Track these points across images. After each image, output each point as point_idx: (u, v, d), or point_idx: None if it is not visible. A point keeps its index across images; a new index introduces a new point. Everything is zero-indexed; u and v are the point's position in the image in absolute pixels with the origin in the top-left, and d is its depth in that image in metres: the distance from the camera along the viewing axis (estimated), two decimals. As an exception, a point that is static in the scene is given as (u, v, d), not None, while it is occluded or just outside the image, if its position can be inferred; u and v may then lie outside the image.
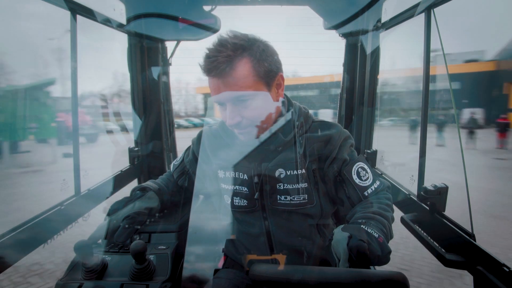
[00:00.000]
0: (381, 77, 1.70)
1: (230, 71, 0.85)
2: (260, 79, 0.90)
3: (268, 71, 0.91)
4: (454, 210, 1.14)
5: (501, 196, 5.30)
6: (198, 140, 1.15)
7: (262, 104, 0.92)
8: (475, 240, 0.90)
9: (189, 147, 1.22)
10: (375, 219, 0.85)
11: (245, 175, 1.02)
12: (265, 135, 0.98)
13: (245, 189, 1.02)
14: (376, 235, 0.76)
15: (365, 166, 1.02)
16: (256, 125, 0.94)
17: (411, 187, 1.32)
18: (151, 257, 0.88)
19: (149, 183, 1.17)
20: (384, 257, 0.74)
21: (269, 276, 0.61)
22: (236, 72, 0.86)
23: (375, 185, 1.00)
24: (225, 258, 1.18)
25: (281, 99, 1.00)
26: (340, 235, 0.77)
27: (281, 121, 1.00)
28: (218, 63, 0.84)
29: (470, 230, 0.93)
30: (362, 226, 0.79)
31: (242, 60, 0.87)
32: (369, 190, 0.99)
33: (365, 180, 1.00)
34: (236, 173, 1.03)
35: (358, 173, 1.00)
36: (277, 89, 0.97)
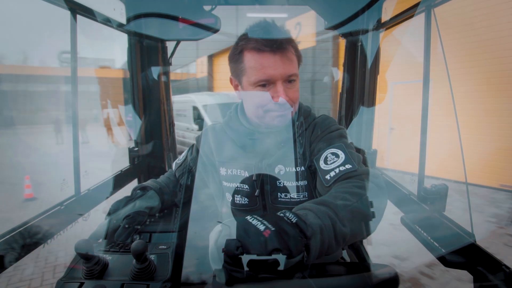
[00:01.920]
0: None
1: (288, 47, 0.90)
2: (298, 62, 0.95)
3: (300, 56, 0.96)
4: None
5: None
6: (202, 138, 1.15)
7: (298, 88, 0.96)
8: (475, 240, 0.90)
9: (192, 146, 1.23)
10: (305, 208, 0.67)
11: (246, 172, 1.02)
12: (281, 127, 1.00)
13: (246, 186, 1.02)
14: (262, 228, 0.57)
15: (339, 152, 0.86)
16: (293, 109, 0.97)
17: (411, 187, 1.32)
18: (152, 256, 0.88)
19: (150, 182, 1.17)
20: (268, 254, 0.55)
21: None
22: (291, 49, 0.91)
23: (342, 168, 0.81)
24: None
25: None
26: (214, 230, 0.67)
27: None
28: (277, 38, 0.88)
29: (470, 230, 0.93)
30: (249, 217, 0.61)
31: (291, 40, 0.92)
32: (332, 173, 0.81)
33: (331, 164, 0.84)
34: (238, 170, 1.03)
35: (325, 159, 0.86)
36: None
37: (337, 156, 0.85)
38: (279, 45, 0.87)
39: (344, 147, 0.88)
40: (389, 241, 3.40)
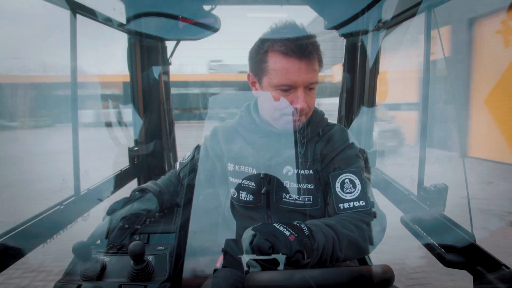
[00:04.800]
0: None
1: (314, 54, 0.89)
2: (319, 69, 0.94)
3: (322, 63, 0.95)
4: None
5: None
6: (212, 135, 1.15)
7: (315, 95, 0.96)
8: (475, 240, 0.90)
9: (198, 145, 1.23)
10: (317, 226, 0.78)
11: (254, 169, 1.01)
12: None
13: (252, 183, 1.02)
14: (287, 233, 0.70)
15: (356, 181, 0.92)
16: (307, 116, 0.97)
17: (411, 187, 1.32)
18: (150, 257, 0.88)
19: (149, 184, 1.17)
20: (292, 255, 0.67)
21: (266, 283, 0.61)
22: (316, 57, 0.90)
23: (356, 204, 0.89)
24: (224, 256, 1.17)
25: None
26: (246, 233, 0.73)
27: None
28: (306, 44, 0.87)
29: (470, 230, 0.93)
30: (275, 224, 0.73)
31: (317, 47, 0.91)
32: (346, 205, 0.89)
33: (347, 193, 0.91)
34: (245, 167, 1.03)
35: (342, 183, 0.93)
36: None
37: (354, 185, 0.92)
38: (306, 52, 0.87)
39: (361, 173, 0.94)
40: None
